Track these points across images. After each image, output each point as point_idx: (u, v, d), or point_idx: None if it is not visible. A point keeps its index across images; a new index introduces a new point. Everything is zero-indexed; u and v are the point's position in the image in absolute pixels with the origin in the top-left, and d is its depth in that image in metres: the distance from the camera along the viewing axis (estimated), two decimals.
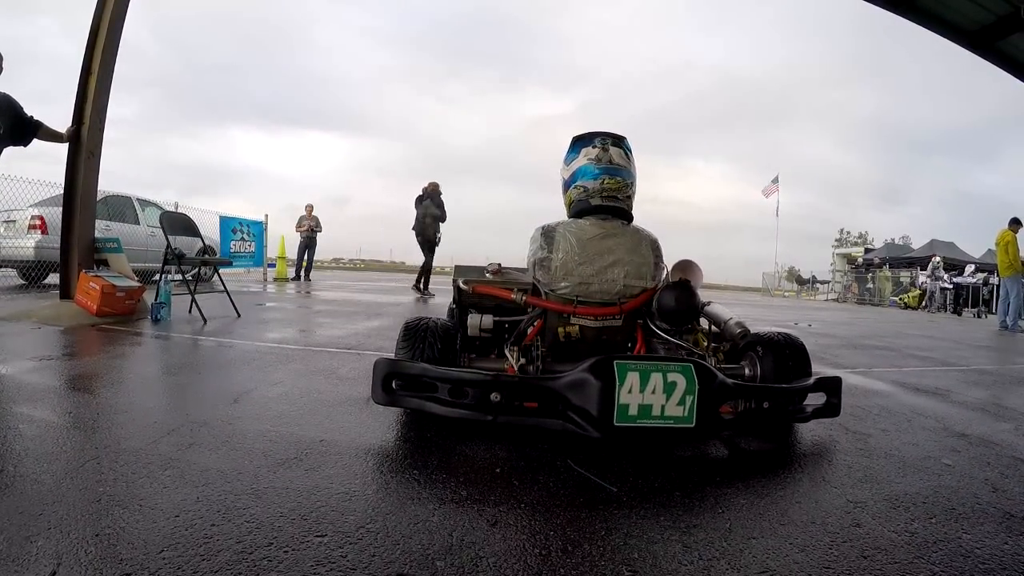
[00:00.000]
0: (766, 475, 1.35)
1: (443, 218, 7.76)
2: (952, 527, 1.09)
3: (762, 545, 0.98)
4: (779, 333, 1.82)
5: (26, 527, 0.90)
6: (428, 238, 7.64)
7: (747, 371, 1.75)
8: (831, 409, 1.62)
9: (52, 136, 3.61)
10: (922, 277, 14.57)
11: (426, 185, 7.78)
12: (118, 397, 1.80)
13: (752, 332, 1.82)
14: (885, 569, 0.92)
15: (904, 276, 16.89)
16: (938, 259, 14.20)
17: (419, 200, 7.66)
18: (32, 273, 5.93)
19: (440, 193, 7.76)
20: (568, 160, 1.92)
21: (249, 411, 1.66)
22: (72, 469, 1.16)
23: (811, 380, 1.62)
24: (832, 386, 1.63)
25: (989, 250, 11.18)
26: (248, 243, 9.62)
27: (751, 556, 0.94)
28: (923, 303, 13.78)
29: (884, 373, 3.08)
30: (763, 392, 1.50)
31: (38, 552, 0.83)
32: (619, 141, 1.89)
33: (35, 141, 3.47)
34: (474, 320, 1.82)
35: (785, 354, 1.71)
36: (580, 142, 1.90)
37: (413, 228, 7.70)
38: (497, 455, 1.37)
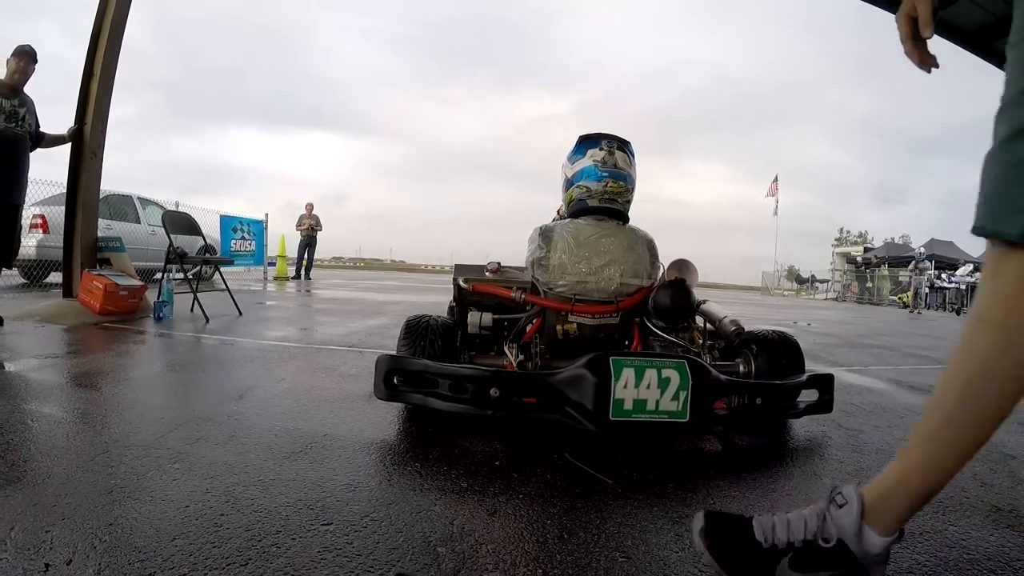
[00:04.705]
0: (758, 469, 1.38)
1: None
2: (939, 519, 1.11)
3: None
4: (773, 331, 1.85)
5: (41, 518, 0.93)
6: None
7: (741, 368, 1.78)
8: (823, 405, 1.65)
9: (55, 141, 3.65)
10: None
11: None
12: (125, 394, 1.83)
13: (747, 330, 1.85)
14: None
15: (904, 275, 16.91)
16: (922, 250, 14.08)
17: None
18: (34, 272, 5.96)
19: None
20: (573, 159, 1.95)
21: (254, 407, 1.70)
22: (83, 463, 1.19)
23: (804, 377, 1.65)
24: (825, 383, 1.66)
25: None
26: (248, 242, 9.64)
27: None
28: (917, 302, 13.79)
29: (880, 371, 3.11)
30: (756, 388, 1.53)
31: (54, 541, 0.86)
32: (624, 145, 1.92)
33: (37, 149, 3.51)
34: (474, 318, 1.85)
35: (779, 351, 1.75)
36: (587, 143, 1.93)
37: None
38: (496, 448, 1.40)
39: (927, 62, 0.81)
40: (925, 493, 0.75)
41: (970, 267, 14.28)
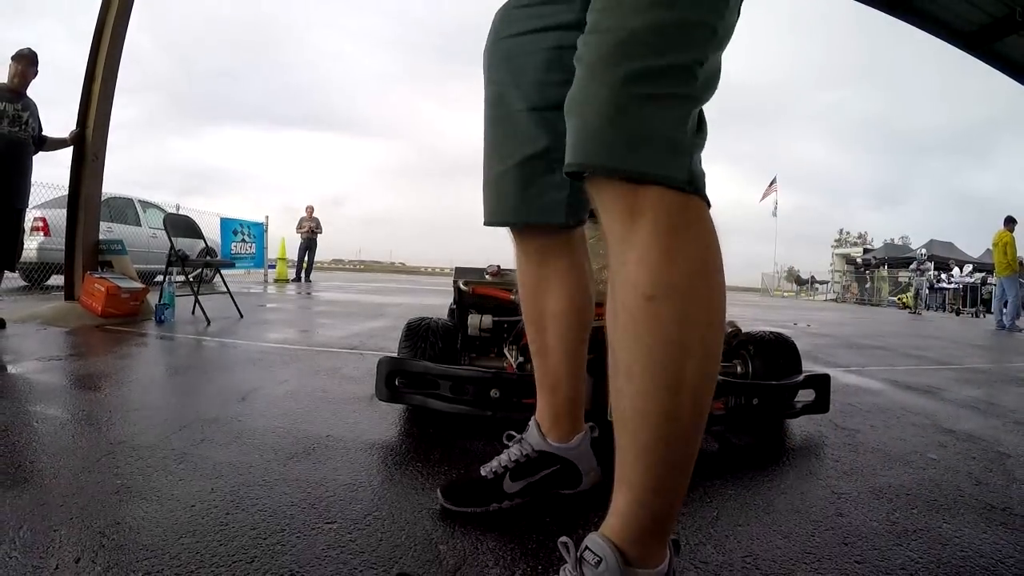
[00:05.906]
0: (754, 468, 1.40)
1: None
2: (933, 517, 1.13)
3: (747, 532, 1.03)
4: (770, 332, 1.87)
5: (48, 518, 0.95)
6: None
7: (739, 368, 1.80)
8: (820, 405, 1.67)
9: (57, 144, 3.68)
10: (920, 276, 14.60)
11: None
12: (128, 395, 1.85)
13: (744, 331, 1.87)
14: (864, 555, 0.96)
15: (903, 276, 16.94)
16: (923, 251, 14.21)
17: None
18: (35, 275, 5.98)
19: None
20: None
21: (257, 408, 1.71)
22: (89, 463, 1.20)
23: (801, 377, 1.67)
24: (821, 383, 1.68)
25: (987, 250, 11.23)
26: (249, 244, 9.65)
27: (736, 542, 0.99)
28: (918, 303, 13.83)
29: (878, 372, 3.13)
30: (753, 389, 1.55)
31: (62, 540, 0.88)
32: None
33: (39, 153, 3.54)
34: (474, 320, 1.87)
35: (776, 352, 1.76)
36: None
37: None
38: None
39: None
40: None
41: (969, 267, 14.31)
